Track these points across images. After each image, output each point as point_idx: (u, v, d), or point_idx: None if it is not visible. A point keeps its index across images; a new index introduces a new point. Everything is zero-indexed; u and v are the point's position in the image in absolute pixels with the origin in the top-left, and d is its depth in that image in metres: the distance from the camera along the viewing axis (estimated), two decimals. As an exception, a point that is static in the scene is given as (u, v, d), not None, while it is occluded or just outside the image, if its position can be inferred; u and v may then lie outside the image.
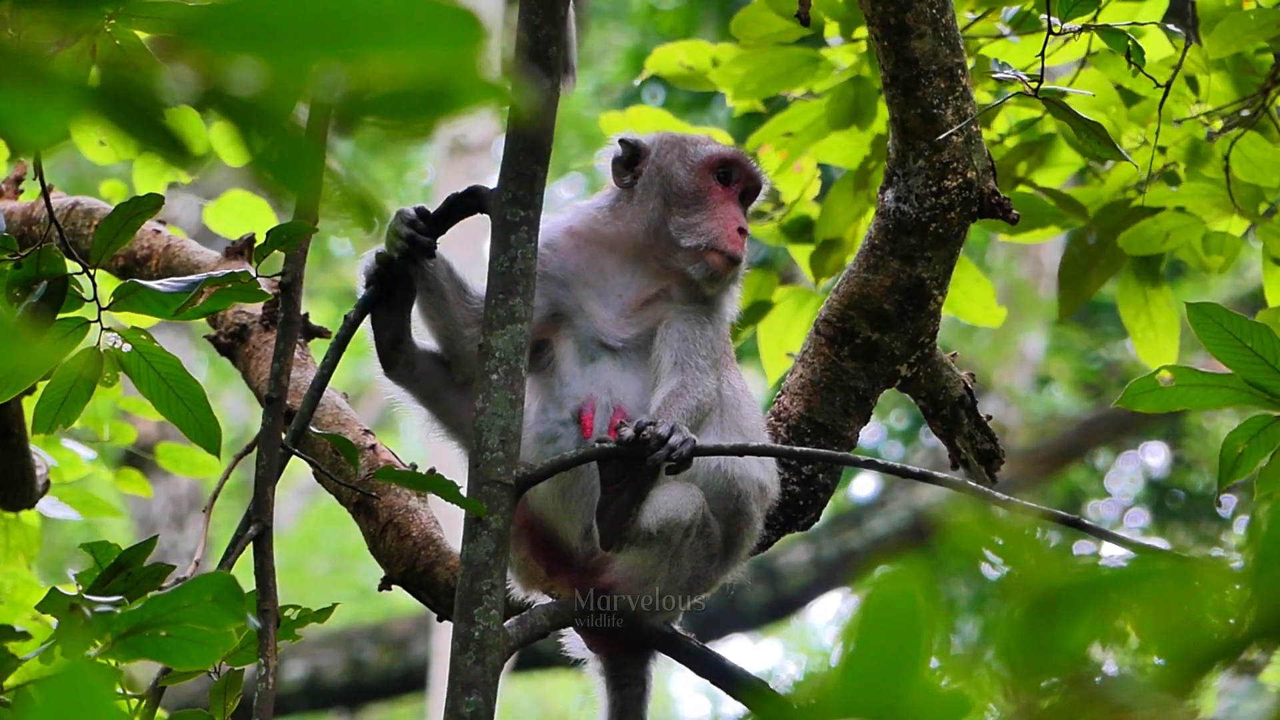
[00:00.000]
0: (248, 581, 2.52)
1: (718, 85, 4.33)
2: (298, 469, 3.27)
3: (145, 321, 3.36)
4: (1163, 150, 4.10)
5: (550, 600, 3.12)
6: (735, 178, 3.29)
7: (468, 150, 10.96)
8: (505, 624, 2.77)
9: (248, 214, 4.64)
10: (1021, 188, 4.26)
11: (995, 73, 3.15)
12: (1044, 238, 4.27)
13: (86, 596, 2.50)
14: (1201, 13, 3.88)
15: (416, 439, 14.15)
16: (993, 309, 4.35)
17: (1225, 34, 3.73)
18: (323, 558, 15.25)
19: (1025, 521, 3.97)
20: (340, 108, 1.44)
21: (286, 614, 2.86)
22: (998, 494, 2.86)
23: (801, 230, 4.46)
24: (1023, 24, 3.99)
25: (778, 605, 11.91)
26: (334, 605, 2.88)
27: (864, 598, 1.49)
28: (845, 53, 4.25)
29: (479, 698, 2.71)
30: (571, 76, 4.05)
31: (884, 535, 11.78)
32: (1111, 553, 3.16)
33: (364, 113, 1.43)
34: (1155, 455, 13.11)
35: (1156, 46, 3.96)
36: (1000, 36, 3.98)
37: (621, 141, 3.32)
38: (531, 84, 2.85)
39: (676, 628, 3.18)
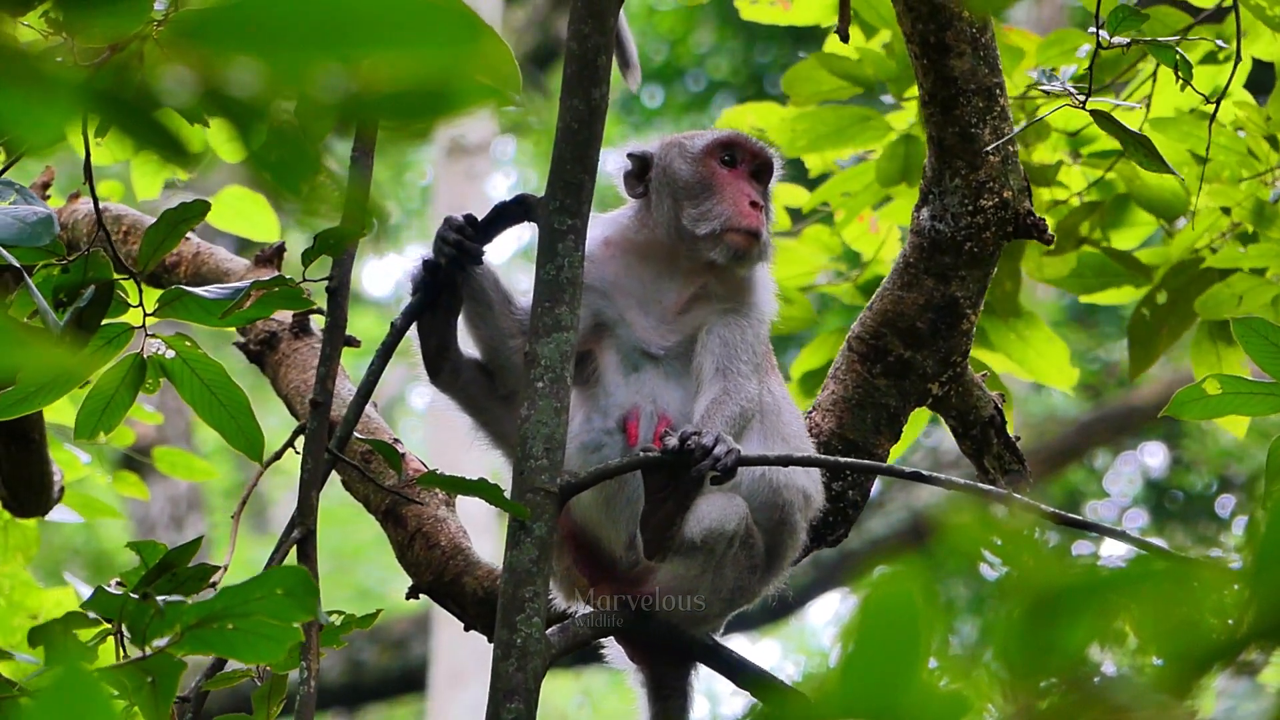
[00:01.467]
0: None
1: (779, 143, 4.35)
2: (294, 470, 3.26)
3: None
4: (1227, 211, 4.15)
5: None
6: (739, 158, 3.28)
7: (466, 151, 10.95)
8: (547, 632, 2.79)
9: (247, 211, 4.64)
10: (1087, 248, 4.29)
11: (1041, 84, 3.17)
12: (1114, 299, 4.31)
13: (132, 595, 2.50)
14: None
15: (416, 439, 14.13)
16: (1066, 370, 4.36)
17: None
18: (322, 558, 15.21)
19: (1024, 522, 4.00)
20: (339, 108, 1.44)
21: (331, 618, 2.87)
22: (998, 494, 2.89)
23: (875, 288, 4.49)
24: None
25: (776, 605, 11.90)
26: (378, 611, 2.89)
27: (862, 598, 1.50)
28: (897, 116, 4.29)
29: (520, 704, 2.72)
30: (635, 71, 4.06)
31: (883, 536, 11.80)
32: (1110, 553, 3.19)
33: (363, 113, 1.44)
34: (1154, 456, 13.15)
35: (1226, 112, 4.01)
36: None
37: (628, 155, 3.33)
38: (579, 93, 2.87)
39: (717, 638, 3.20)
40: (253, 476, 3.01)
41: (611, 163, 3.33)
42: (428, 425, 12.41)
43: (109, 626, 2.56)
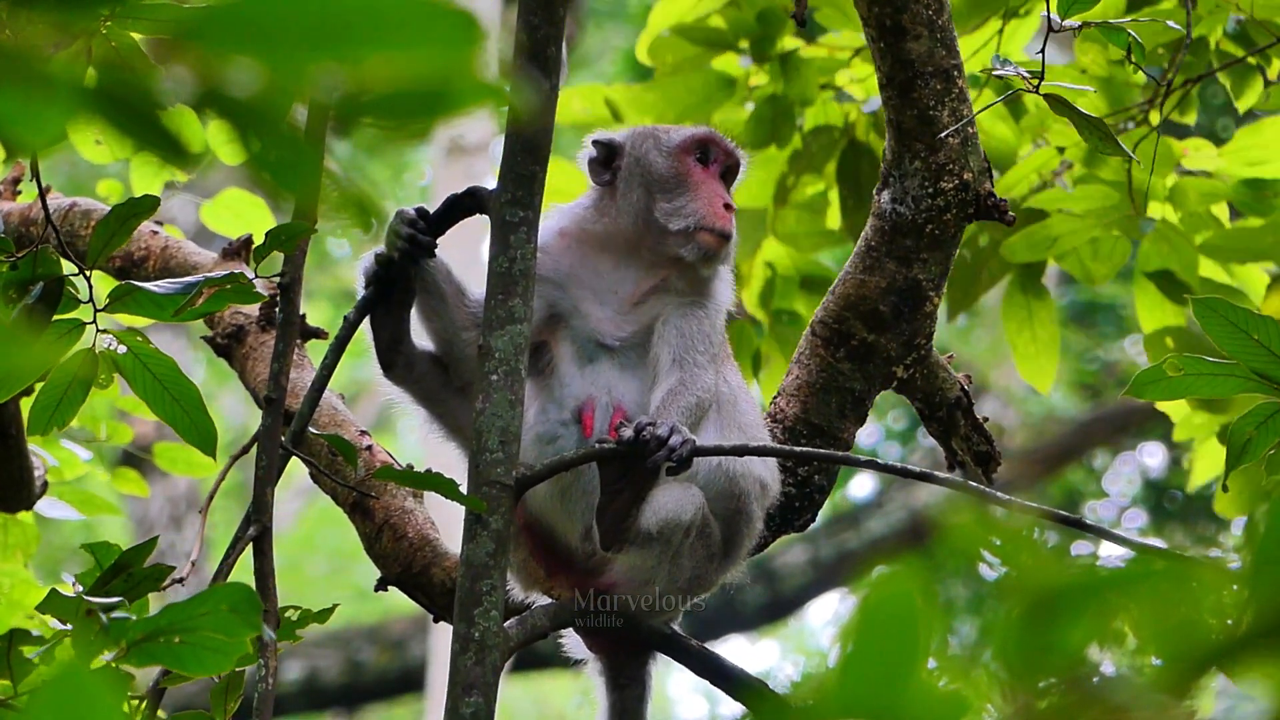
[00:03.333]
0: (246, 581, 2.53)
1: (648, 118, 4.33)
2: (297, 469, 3.27)
3: (141, 322, 3.36)
4: (1061, 150, 4.12)
5: (550, 601, 3.12)
6: (713, 156, 3.28)
7: (465, 151, 10.96)
8: (505, 624, 2.77)
9: (245, 213, 4.64)
10: None
11: (995, 69, 3.15)
12: None
13: (88, 598, 2.50)
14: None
15: (414, 439, 14.14)
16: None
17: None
18: (321, 558, 15.25)
19: (1023, 521, 3.98)
20: (338, 108, 1.44)
21: (287, 615, 2.86)
22: (997, 494, 2.86)
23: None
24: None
25: (775, 606, 11.91)
26: (334, 606, 2.89)
27: (861, 598, 1.49)
28: (759, 73, 4.25)
29: (479, 698, 2.71)
30: (562, 70, 4.05)
31: (881, 536, 11.79)
32: (1109, 553, 3.17)
33: (362, 113, 1.43)
34: (1153, 456, 13.11)
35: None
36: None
37: (595, 142, 3.31)
38: (529, 85, 2.85)
39: (676, 628, 3.19)
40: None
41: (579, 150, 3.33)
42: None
43: (67, 629, 2.55)
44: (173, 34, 1.52)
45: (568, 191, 3.60)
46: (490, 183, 2.92)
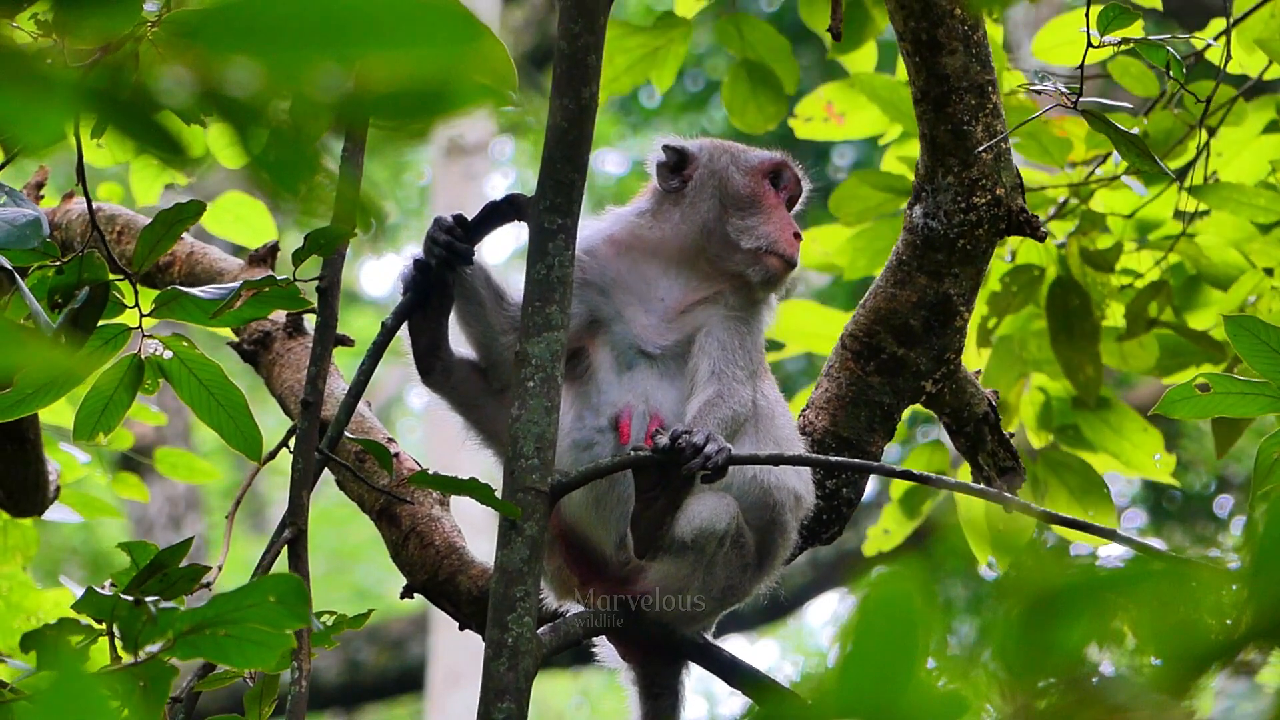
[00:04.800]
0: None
1: (842, 264, 4.42)
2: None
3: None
4: (1270, 272, 4.15)
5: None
6: (785, 182, 3.34)
7: (465, 151, 10.95)
8: (538, 631, 2.79)
9: (246, 216, 4.64)
10: (1159, 329, 4.31)
11: (1031, 85, 3.17)
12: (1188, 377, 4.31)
13: (123, 596, 2.50)
14: None
15: (414, 439, 14.12)
16: (1163, 459, 4.36)
17: None
18: (320, 558, 15.22)
19: (1024, 522, 4.00)
20: (338, 109, 1.44)
21: (322, 619, 2.87)
22: (1001, 495, 2.89)
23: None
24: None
25: (775, 605, 11.90)
26: (369, 611, 2.89)
27: (861, 598, 1.50)
28: None
29: (511, 704, 2.72)
30: None
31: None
32: (1109, 553, 3.19)
33: (362, 114, 1.43)
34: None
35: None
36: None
37: (666, 147, 3.35)
38: (569, 92, 2.86)
39: (709, 637, 3.20)
40: (248, 476, 3.01)
41: (648, 152, 3.37)
42: (425, 425, 12.41)
43: (101, 629, 2.56)
44: (173, 33, 1.52)
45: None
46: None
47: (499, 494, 2.79)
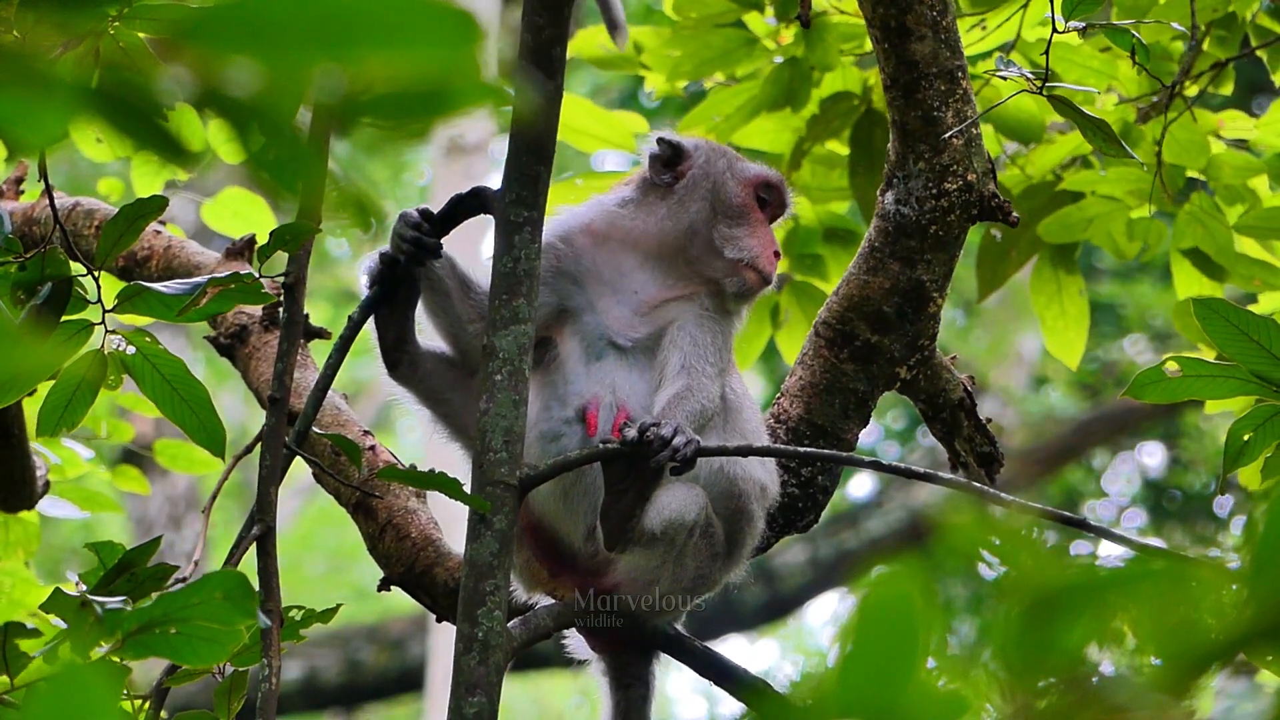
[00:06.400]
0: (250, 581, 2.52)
1: (650, 68, 4.35)
2: (297, 469, 3.27)
3: (142, 322, 3.37)
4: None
5: (553, 601, 3.13)
6: (771, 200, 3.34)
7: (465, 150, 10.95)
8: (509, 624, 2.78)
9: (245, 212, 4.64)
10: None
11: (999, 70, 3.16)
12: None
13: (91, 596, 2.50)
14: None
15: (413, 439, 14.13)
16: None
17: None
18: (320, 558, 15.24)
19: (1023, 521, 3.98)
20: (338, 108, 1.44)
21: (291, 614, 2.86)
22: (997, 494, 2.87)
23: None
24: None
25: (774, 605, 11.92)
26: (338, 606, 2.89)
27: (861, 598, 1.49)
28: (783, 33, 4.26)
29: (482, 698, 2.71)
30: (623, 31, 4.03)
31: (881, 535, 11.78)
32: (1109, 553, 3.17)
33: (361, 113, 1.43)
34: (1152, 455, 13.12)
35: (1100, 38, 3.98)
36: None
37: (661, 140, 3.33)
38: (533, 85, 2.85)
39: (679, 628, 3.19)
40: (222, 474, 3.00)
41: (643, 142, 3.36)
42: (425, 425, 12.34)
43: (65, 629, 2.55)
44: (173, 33, 1.52)
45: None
46: (492, 181, 2.92)
47: (468, 488, 2.78)
